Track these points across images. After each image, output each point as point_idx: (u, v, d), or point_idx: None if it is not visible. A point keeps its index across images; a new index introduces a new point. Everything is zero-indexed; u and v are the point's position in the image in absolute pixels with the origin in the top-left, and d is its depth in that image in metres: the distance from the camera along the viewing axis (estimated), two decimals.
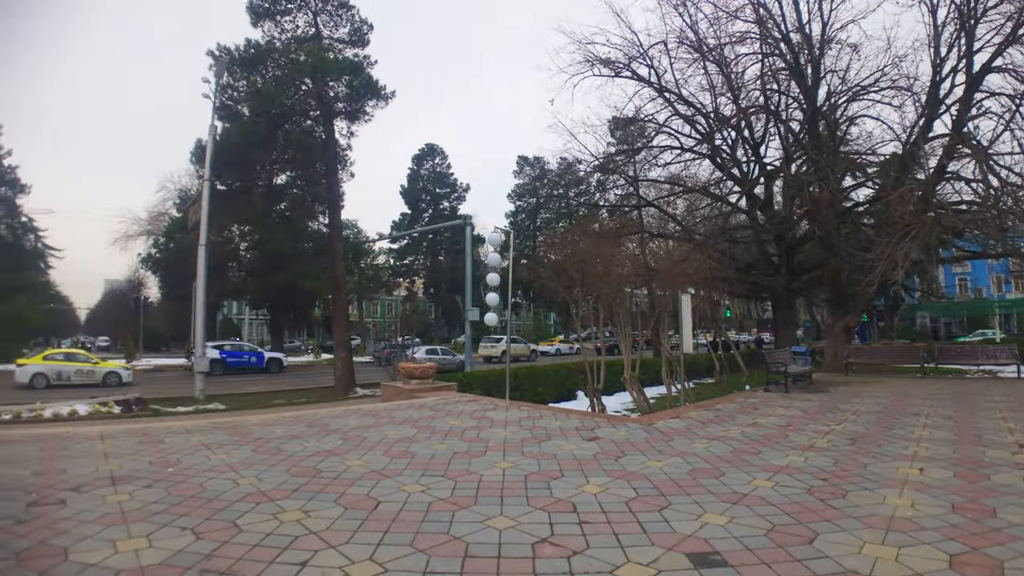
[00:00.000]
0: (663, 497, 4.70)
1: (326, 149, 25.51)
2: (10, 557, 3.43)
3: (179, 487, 4.99)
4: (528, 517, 4.17)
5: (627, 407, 14.73)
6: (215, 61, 22.89)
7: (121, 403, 15.24)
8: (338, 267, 25.87)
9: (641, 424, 8.47)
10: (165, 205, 53.78)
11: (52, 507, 4.40)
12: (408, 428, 7.86)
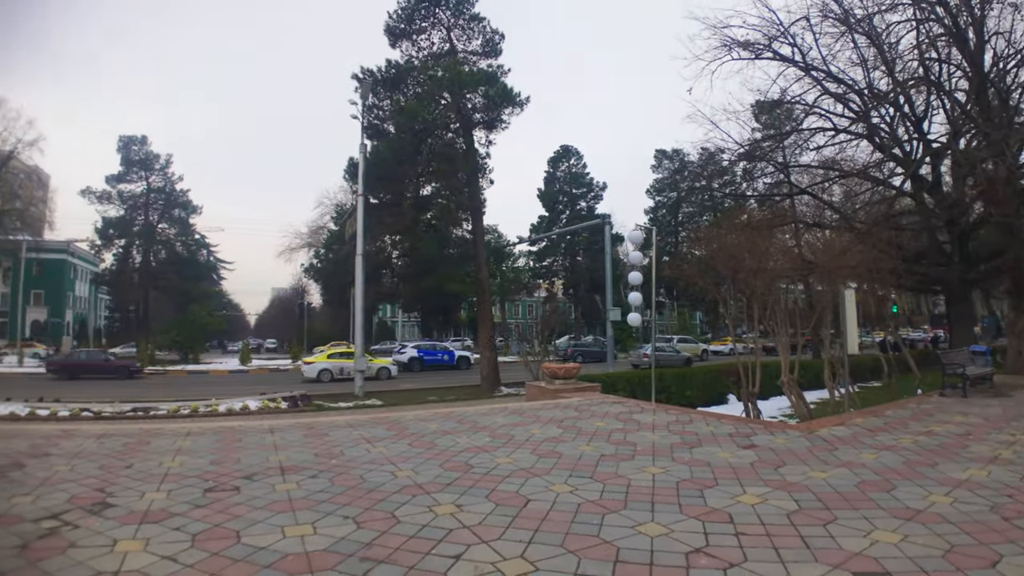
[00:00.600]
0: (828, 511, 4.37)
1: (467, 159, 26.35)
2: (187, 539, 3.77)
3: (341, 478, 5.30)
4: (681, 525, 4.03)
5: (784, 413, 13.94)
6: (360, 84, 24.31)
7: (288, 399, 16.57)
8: (482, 270, 26.67)
9: (801, 431, 7.94)
10: (323, 219, 58.96)
11: (227, 493, 4.82)
12: (554, 428, 7.85)
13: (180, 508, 4.39)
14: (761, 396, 13.56)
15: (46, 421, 12.19)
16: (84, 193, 48.59)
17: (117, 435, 7.60)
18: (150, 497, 4.67)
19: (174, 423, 9.76)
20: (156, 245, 49.23)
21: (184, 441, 7.12)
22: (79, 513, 4.24)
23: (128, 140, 49.31)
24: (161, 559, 3.40)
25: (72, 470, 5.56)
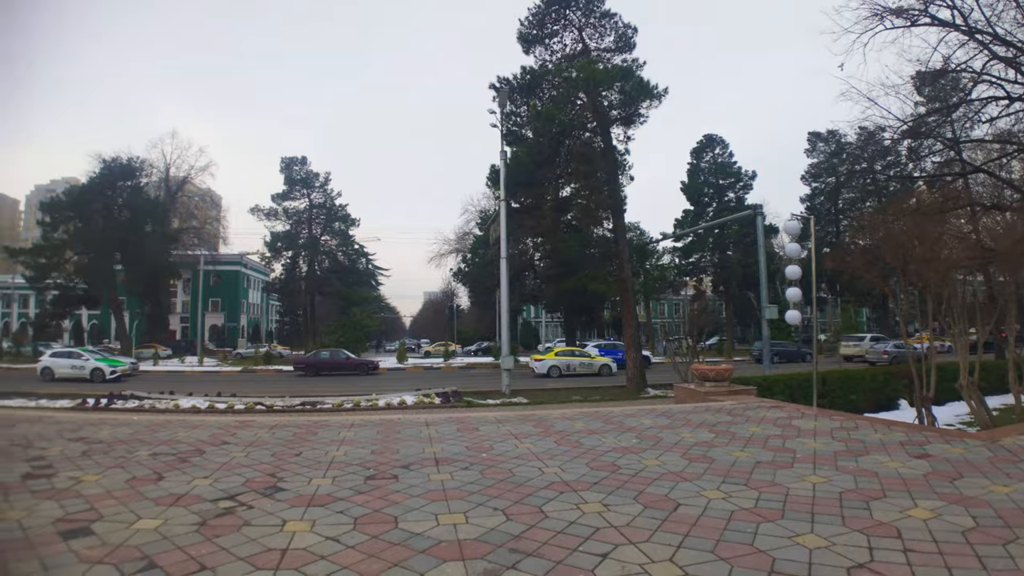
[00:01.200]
0: (1009, 529, 3.84)
1: (605, 157, 26.14)
2: (349, 522, 4.02)
3: (491, 471, 5.43)
4: (843, 538, 3.71)
5: (963, 420, 12.56)
6: (497, 93, 24.82)
7: (441, 395, 17.26)
8: (625, 269, 26.30)
9: (982, 440, 7.08)
10: (468, 225, 61.25)
11: (386, 481, 5.11)
12: (705, 432, 7.57)
13: (343, 493, 4.71)
14: (936, 401, 12.26)
15: (223, 414, 13.52)
16: (253, 211, 53.68)
17: (288, 426, 8.30)
18: (317, 483, 5.05)
19: (339, 416, 10.47)
20: (320, 255, 53.35)
21: (348, 432, 7.64)
22: (253, 495, 4.66)
23: (290, 161, 53.68)
24: (325, 539, 3.66)
25: (247, 456, 6.13)
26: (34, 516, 4.08)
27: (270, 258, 54.61)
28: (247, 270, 78.34)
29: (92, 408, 15.07)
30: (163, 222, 51.09)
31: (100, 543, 3.58)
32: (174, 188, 57.24)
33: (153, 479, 5.16)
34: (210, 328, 70.54)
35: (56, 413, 11.62)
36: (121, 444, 6.86)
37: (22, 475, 5.28)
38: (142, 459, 6.01)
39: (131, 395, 17.20)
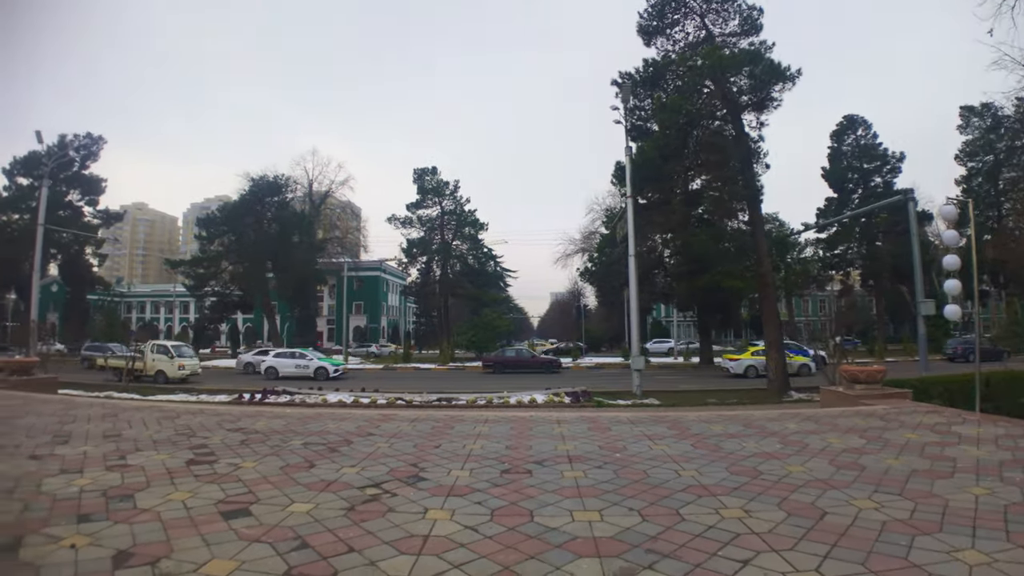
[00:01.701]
0: None
1: (738, 145, 24.96)
2: (487, 513, 4.13)
3: (625, 471, 5.38)
4: (1007, 555, 3.34)
5: None
6: (620, 88, 24.40)
7: (570, 394, 17.26)
8: (764, 264, 25.00)
9: None
10: (594, 224, 60.92)
11: (521, 475, 5.22)
12: (854, 437, 7.09)
13: (481, 485, 4.86)
14: None
15: (367, 408, 14.27)
16: (390, 220, 56.24)
17: (427, 420, 8.68)
18: (455, 474, 5.25)
19: (473, 411, 10.80)
20: (451, 259, 55.03)
21: (483, 427, 7.87)
22: (396, 484, 4.91)
23: (421, 171, 55.76)
24: (464, 528, 3.79)
25: (391, 447, 6.47)
26: (198, 497, 4.51)
27: (406, 263, 57.04)
28: (386, 275, 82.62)
29: (247, 402, 16.38)
30: (309, 233, 54.90)
31: (257, 523, 3.89)
32: (317, 201, 61.42)
33: (305, 467, 5.56)
34: (354, 329, 75.10)
35: (217, 407, 12.77)
36: (276, 434, 7.44)
37: (186, 461, 5.84)
38: (295, 448, 6.49)
39: (283, 390, 18.55)
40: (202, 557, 3.29)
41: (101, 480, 5.01)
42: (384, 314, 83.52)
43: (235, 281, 52.41)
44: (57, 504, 4.30)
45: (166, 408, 10.94)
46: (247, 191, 52.64)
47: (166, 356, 27.39)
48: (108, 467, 5.52)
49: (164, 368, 26.89)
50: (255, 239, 51.11)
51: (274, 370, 31.08)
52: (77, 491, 4.65)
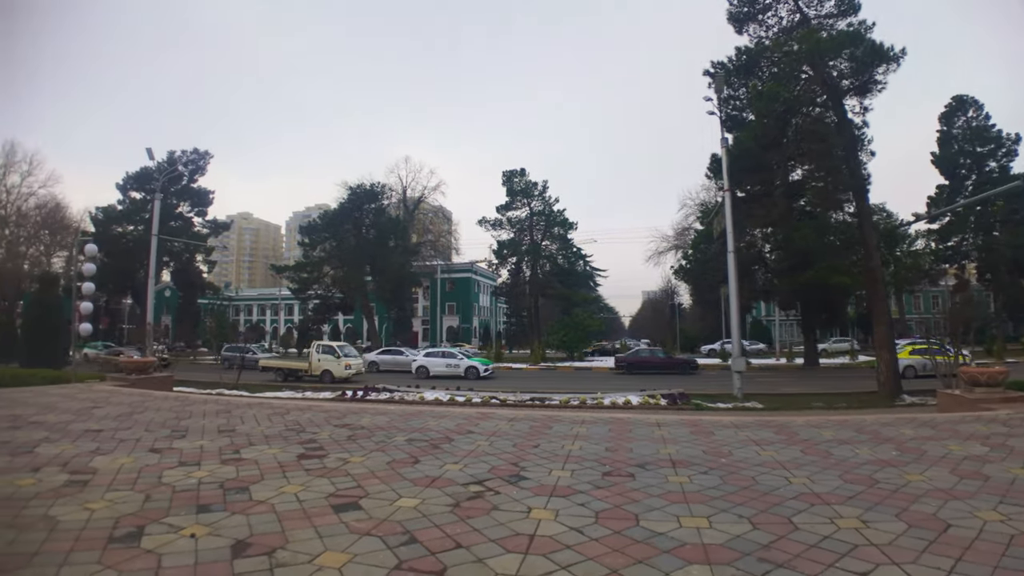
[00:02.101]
0: None
1: (840, 132, 23.63)
2: (591, 515, 4.06)
3: (732, 477, 5.19)
4: None
5: None
6: (713, 78, 23.63)
7: (667, 396, 16.86)
8: (872, 258, 23.53)
9: None
10: (688, 220, 59.33)
11: (623, 478, 5.12)
12: (976, 445, 6.60)
13: (582, 487, 4.80)
14: None
15: (463, 406, 14.46)
16: (481, 222, 57.12)
17: (524, 419, 8.70)
18: (556, 474, 5.21)
19: (570, 412, 10.74)
20: (541, 260, 55.22)
21: (580, 428, 7.81)
22: (499, 482, 4.93)
23: (510, 174, 56.26)
24: (569, 530, 3.74)
25: (491, 446, 6.51)
26: (309, 490, 4.67)
27: (497, 264, 57.78)
28: (477, 276, 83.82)
29: (350, 399, 16.94)
30: (404, 237, 56.63)
31: (367, 517, 3.99)
32: (411, 207, 63.36)
33: (410, 462, 5.68)
34: (447, 329, 76.77)
35: (323, 403, 13.29)
36: (380, 430, 7.66)
37: (297, 455, 6.07)
38: (399, 444, 6.65)
39: (383, 387, 19.10)
40: (316, 549, 3.39)
41: (217, 473, 5.30)
42: (476, 315, 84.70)
43: (336, 284, 54.87)
44: (177, 495, 4.56)
45: (276, 405, 11.49)
46: (346, 199, 55.11)
47: (332, 356, 27.56)
48: (223, 460, 5.82)
49: (331, 368, 26.97)
50: (354, 244, 53.36)
51: (425, 369, 31.07)
52: (195, 483, 4.93)
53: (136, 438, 7.10)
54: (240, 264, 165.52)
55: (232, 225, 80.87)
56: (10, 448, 6.30)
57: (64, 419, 8.60)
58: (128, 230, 56.07)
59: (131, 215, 56.51)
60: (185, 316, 61.05)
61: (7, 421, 8.28)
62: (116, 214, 57.07)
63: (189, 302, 62.71)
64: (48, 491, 4.61)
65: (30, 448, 6.32)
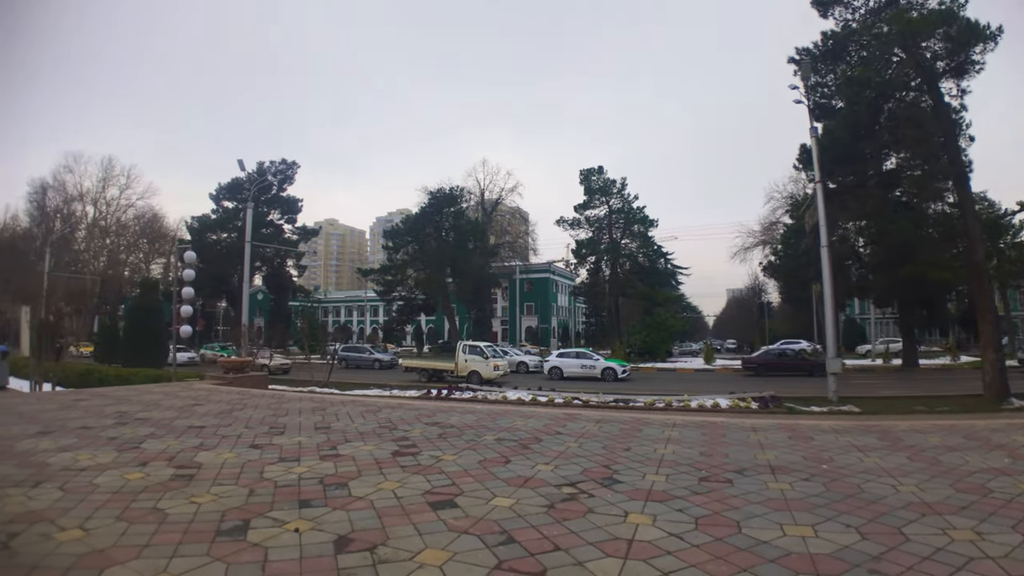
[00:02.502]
0: None
1: (937, 117, 22.17)
2: (690, 521, 3.96)
3: (836, 484, 4.98)
4: None
5: None
6: (798, 65, 22.62)
7: (758, 399, 16.29)
8: (976, 251, 21.96)
9: None
10: (776, 214, 56.95)
11: (721, 484, 4.97)
12: None
13: (679, 492, 4.70)
14: None
15: (546, 406, 14.45)
16: (559, 222, 57.13)
17: (612, 421, 8.61)
18: (651, 479, 5.13)
19: (659, 415, 10.55)
20: (621, 258, 54.60)
21: (671, 431, 7.66)
22: (592, 484, 4.89)
23: (588, 172, 55.92)
24: (668, 535, 3.66)
25: (581, 447, 6.48)
26: (406, 487, 4.78)
27: (575, 264, 57.65)
28: (555, 276, 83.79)
29: (435, 398, 17.24)
30: (482, 239, 57.33)
31: (464, 515, 4.03)
32: (489, 209, 64.06)
33: (501, 461, 5.72)
34: (525, 330, 77.11)
35: (412, 401, 13.60)
36: (469, 429, 7.76)
37: (392, 452, 6.21)
38: (489, 443, 6.71)
39: (466, 387, 19.35)
40: (416, 546, 3.46)
41: (317, 468, 5.47)
42: (554, 315, 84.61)
43: (419, 286, 56.41)
44: (279, 490, 4.73)
45: (367, 402, 11.84)
46: (426, 203, 56.42)
47: (480, 357, 27.13)
48: (322, 456, 6.02)
49: (479, 369, 26.50)
50: (435, 247, 54.51)
51: (559, 370, 30.34)
52: (296, 478, 5.11)
53: (237, 434, 7.43)
54: (327, 268, 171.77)
55: (320, 231, 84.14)
56: (118, 443, 6.67)
57: (168, 416, 9.08)
58: (222, 237, 59.82)
59: (224, 223, 60.35)
60: (277, 318, 64.00)
61: (114, 418, 8.79)
62: (210, 222, 61.08)
63: (280, 305, 66.07)
64: (156, 485, 4.85)
65: (137, 443, 6.69)
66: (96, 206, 67.43)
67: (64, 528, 3.74)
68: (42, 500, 4.35)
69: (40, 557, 3.25)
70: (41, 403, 10.91)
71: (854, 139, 22.78)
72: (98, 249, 66.55)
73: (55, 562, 3.18)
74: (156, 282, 45.06)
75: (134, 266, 68.17)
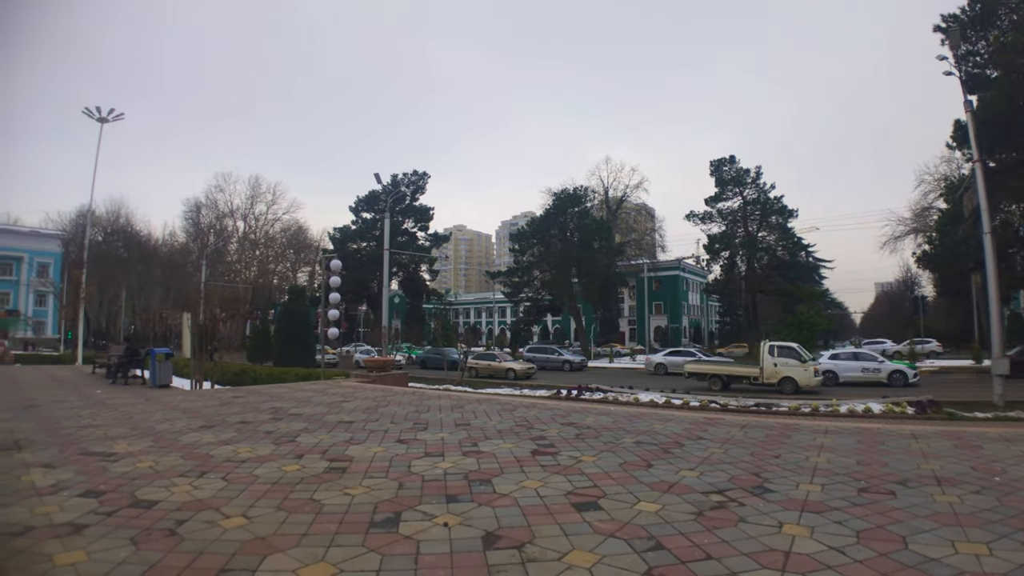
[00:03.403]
0: None
1: None
2: (851, 534, 3.64)
3: (1011, 498, 4.50)
4: None
5: None
6: (946, 34, 20.58)
7: (914, 404, 14.93)
8: None
9: None
10: (928, 199, 51.12)
11: (882, 496, 4.57)
12: None
13: (836, 503, 4.37)
14: None
15: (682, 409, 13.97)
16: (689, 217, 55.48)
17: (758, 427, 8.19)
18: (805, 488, 4.80)
19: (808, 420, 9.89)
20: (758, 252, 52.02)
21: (824, 438, 7.17)
22: (741, 493, 4.64)
23: (719, 163, 53.90)
24: (828, 548, 3.41)
25: (726, 454, 6.19)
26: (548, 487, 4.77)
27: (708, 260, 55.81)
28: (685, 274, 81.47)
29: (565, 398, 17.19)
30: (607, 238, 56.78)
31: (609, 518, 3.96)
32: (614, 207, 63.31)
33: (642, 465, 5.58)
34: (654, 329, 75.51)
35: (546, 401, 13.67)
36: (606, 431, 7.65)
37: (531, 451, 6.24)
38: (628, 446, 6.58)
39: (596, 387, 19.14)
40: (563, 546, 3.43)
41: (460, 464, 5.60)
42: (685, 314, 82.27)
43: (545, 287, 57.06)
44: (426, 484, 4.87)
45: (502, 401, 12.04)
46: (550, 205, 56.72)
47: (795, 360, 22.32)
48: (464, 453, 6.16)
49: (794, 375, 21.92)
50: (560, 248, 54.73)
51: (833, 374, 25.43)
52: (442, 473, 5.25)
53: (384, 429, 7.76)
54: (457, 271, 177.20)
55: (450, 237, 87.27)
56: (274, 437, 7.15)
57: (319, 411, 9.66)
58: (361, 246, 64.75)
59: (363, 233, 65.61)
60: (412, 320, 67.44)
61: (269, 413, 9.46)
62: (350, 232, 66.38)
63: (415, 307, 69.67)
64: (311, 477, 5.14)
65: (292, 437, 7.14)
66: (246, 221, 74.83)
67: (228, 516, 4.03)
68: (206, 489, 4.72)
69: (206, 543, 3.51)
70: (202, 400, 12.00)
71: (1014, 111, 20.47)
72: (249, 260, 73.37)
73: (220, 548, 3.43)
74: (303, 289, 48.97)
75: (282, 274, 74.68)
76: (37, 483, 4.88)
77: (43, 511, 4.09)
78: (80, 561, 3.21)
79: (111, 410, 10.05)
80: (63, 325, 46.87)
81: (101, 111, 32.61)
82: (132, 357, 17.56)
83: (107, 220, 65.42)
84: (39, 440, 6.97)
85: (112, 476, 5.14)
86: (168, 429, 7.84)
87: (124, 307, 56.51)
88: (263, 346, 33.52)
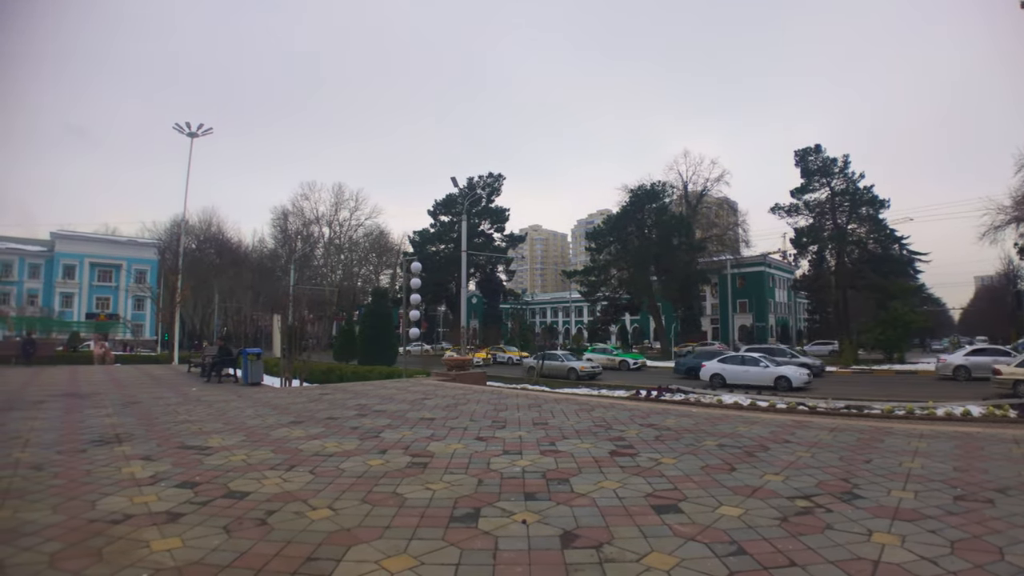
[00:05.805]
0: None
1: None
2: (945, 544, 3.42)
3: None
4: None
5: None
6: None
7: (1017, 407, 13.93)
8: None
9: None
10: None
11: (980, 504, 4.33)
12: None
13: (930, 511, 4.16)
14: None
15: (767, 412, 13.51)
16: (774, 210, 53.19)
17: (848, 430, 7.85)
18: (897, 495, 4.57)
19: (899, 424, 9.39)
20: (848, 246, 49.42)
21: (919, 443, 6.81)
22: (828, 498, 4.45)
23: (804, 152, 51.53)
24: (920, 559, 3.26)
25: (813, 458, 5.96)
26: (627, 488, 4.73)
27: (795, 255, 53.60)
28: (771, 270, 78.45)
29: (644, 399, 16.93)
30: (687, 234, 55.33)
31: (689, 521, 3.89)
32: (693, 202, 61.54)
33: (725, 468, 5.44)
34: (739, 328, 73.25)
35: (624, 401, 13.55)
36: (687, 433, 7.51)
37: (609, 452, 6.19)
38: (710, 449, 6.44)
39: (677, 389, 18.78)
40: (642, 548, 3.40)
41: (538, 463, 5.64)
42: (771, 311, 79.32)
43: (622, 286, 56.40)
44: (505, 481, 4.94)
45: (580, 401, 12.02)
46: (627, 202, 55.85)
47: None
48: (542, 452, 6.19)
49: None
50: (638, 245, 53.90)
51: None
52: (520, 471, 5.30)
53: (463, 427, 7.91)
54: (533, 271, 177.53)
55: (525, 237, 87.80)
56: (359, 433, 7.43)
57: (401, 408, 9.97)
58: (439, 248, 66.44)
59: (441, 235, 67.45)
60: (490, 320, 68.27)
61: (355, 410, 9.84)
62: (429, 236, 68.26)
63: (492, 307, 70.53)
64: (395, 471, 5.30)
65: (376, 433, 7.40)
66: (331, 227, 78.33)
67: (315, 508, 4.21)
68: (295, 482, 4.93)
69: (294, 533, 3.68)
70: (292, 397, 12.53)
71: None
72: (334, 264, 76.98)
73: (306, 538, 3.59)
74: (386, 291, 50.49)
75: (365, 277, 77.92)
76: (136, 475, 5.21)
77: (141, 500, 4.38)
78: (176, 548, 3.43)
79: (206, 406, 10.63)
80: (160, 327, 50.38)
81: (191, 126, 34.64)
82: (225, 357, 18.50)
83: (200, 228, 69.61)
84: (138, 434, 7.44)
85: (207, 468, 5.45)
86: (259, 424, 8.23)
87: (217, 310, 59.79)
88: (348, 345, 34.86)
